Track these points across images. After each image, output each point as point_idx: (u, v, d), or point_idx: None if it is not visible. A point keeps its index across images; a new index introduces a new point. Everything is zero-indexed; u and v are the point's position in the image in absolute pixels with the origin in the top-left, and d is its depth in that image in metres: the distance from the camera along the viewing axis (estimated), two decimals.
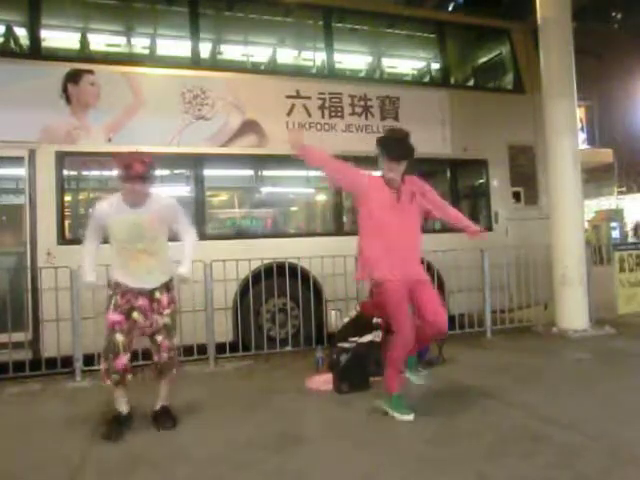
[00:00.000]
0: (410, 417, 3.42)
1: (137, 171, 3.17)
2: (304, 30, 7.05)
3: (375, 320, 4.80)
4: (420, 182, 3.68)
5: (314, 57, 7.09)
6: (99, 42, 6.49)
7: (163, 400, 3.53)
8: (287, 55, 7.36)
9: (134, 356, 3.95)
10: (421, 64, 7.99)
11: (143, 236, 3.30)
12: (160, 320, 3.37)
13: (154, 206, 3.35)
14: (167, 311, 3.41)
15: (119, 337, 3.27)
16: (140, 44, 6.79)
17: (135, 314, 3.33)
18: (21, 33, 5.88)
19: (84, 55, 6.18)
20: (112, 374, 3.27)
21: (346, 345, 4.47)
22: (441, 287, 6.16)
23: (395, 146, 3.53)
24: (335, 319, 5.72)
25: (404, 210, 3.51)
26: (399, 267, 3.43)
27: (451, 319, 6.16)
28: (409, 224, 3.53)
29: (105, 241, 3.46)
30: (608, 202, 26.84)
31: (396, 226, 3.46)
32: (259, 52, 7.18)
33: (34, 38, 5.57)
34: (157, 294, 3.38)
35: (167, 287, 3.45)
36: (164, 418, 3.46)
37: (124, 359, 3.28)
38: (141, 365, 4.40)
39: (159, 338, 3.38)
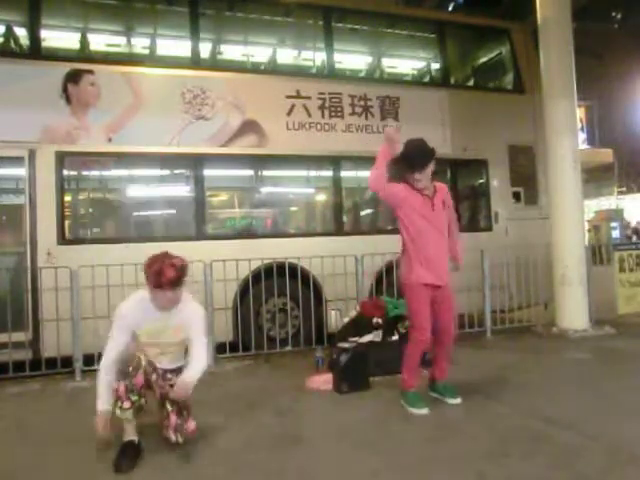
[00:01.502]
0: (424, 411, 3.53)
1: (168, 278, 2.88)
2: (304, 30, 7.06)
3: (375, 320, 4.81)
4: (447, 193, 3.78)
5: (314, 57, 7.09)
6: (99, 42, 6.49)
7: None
8: (287, 55, 7.35)
9: None
10: (421, 64, 7.99)
11: (163, 341, 3.06)
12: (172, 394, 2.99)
13: (183, 313, 3.07)
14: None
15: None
16: (140, 44, 6.78)
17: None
18: (21, 33, 5.88)
19: (84, 55, 6.17)
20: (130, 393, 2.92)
21: (346, 345, 4.47)
22: None
23: (414, 156, 3.60)
24: (335, 319, 5.71)
25: (437, 217, 3.64)
26: (430, 271, 3.58)
27: None
28: (441, 230, 3.66)
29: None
30: (608, 202, 26.81)
31: (430, 232, 3.59)
32: (259, 52, 7.17)
33: (34, 38, 5.57)
34: (168, 375, 3.08)
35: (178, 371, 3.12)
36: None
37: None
38: None
39: (169, 407, 3.01)
